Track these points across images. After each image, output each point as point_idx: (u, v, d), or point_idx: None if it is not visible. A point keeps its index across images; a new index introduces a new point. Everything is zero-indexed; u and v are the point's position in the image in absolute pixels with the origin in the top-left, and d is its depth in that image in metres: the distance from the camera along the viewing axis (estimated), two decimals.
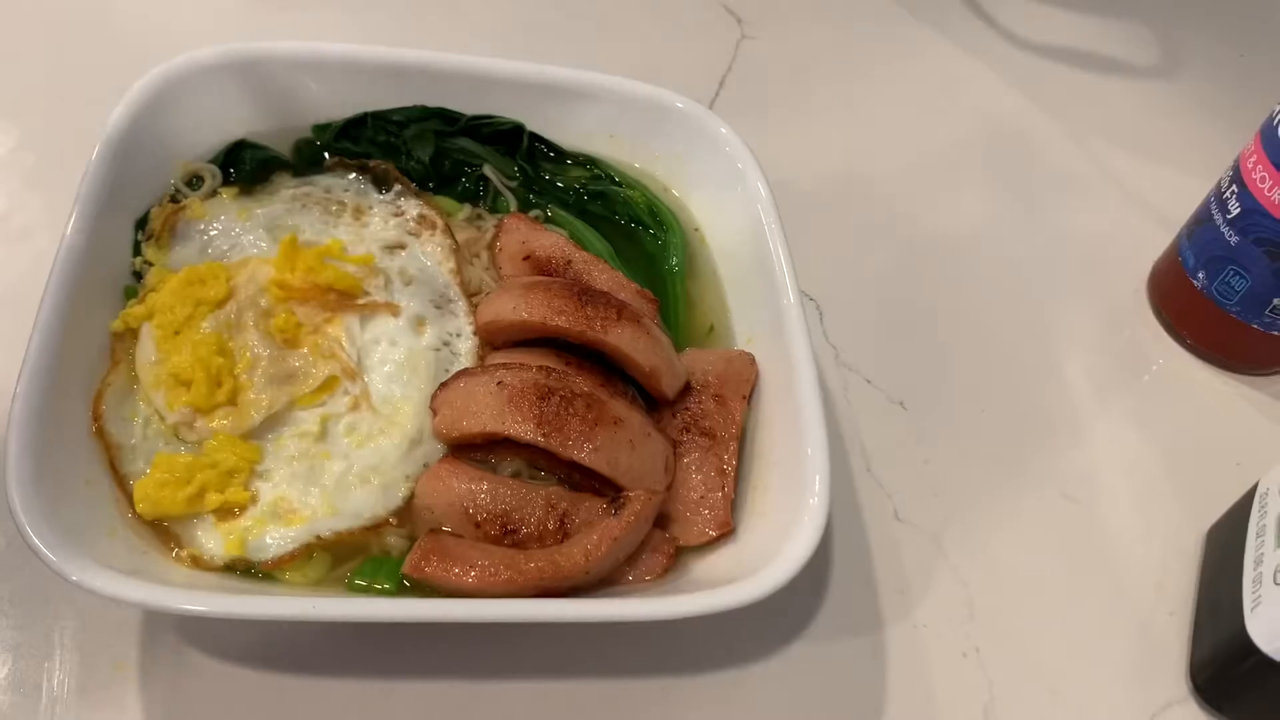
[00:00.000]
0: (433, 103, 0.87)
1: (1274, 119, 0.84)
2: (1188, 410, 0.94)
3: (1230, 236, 0.89)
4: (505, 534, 0.68)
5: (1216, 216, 0.90)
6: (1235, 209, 0.88)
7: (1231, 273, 0.89)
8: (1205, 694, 0.76)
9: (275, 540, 0.67)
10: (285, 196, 0.81)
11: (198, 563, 0.66)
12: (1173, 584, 0.82)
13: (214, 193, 0.80)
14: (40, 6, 1.01)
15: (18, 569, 0.69)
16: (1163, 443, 0.91)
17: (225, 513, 0.67)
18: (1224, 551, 0.80)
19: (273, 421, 0.70)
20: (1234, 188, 0.88)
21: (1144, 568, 0.83)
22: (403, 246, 0.80)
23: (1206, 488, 0.86)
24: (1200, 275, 0.93)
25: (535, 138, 0.89)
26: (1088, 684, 0.77)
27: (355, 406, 0.71)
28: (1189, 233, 0.95)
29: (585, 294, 0.74)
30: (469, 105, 0.88)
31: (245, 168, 0.83)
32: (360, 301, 0.75)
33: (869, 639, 0.76)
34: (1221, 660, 0.75)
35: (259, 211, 0.79)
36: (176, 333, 0.71)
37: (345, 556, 0.69)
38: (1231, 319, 0.92)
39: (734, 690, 0.73)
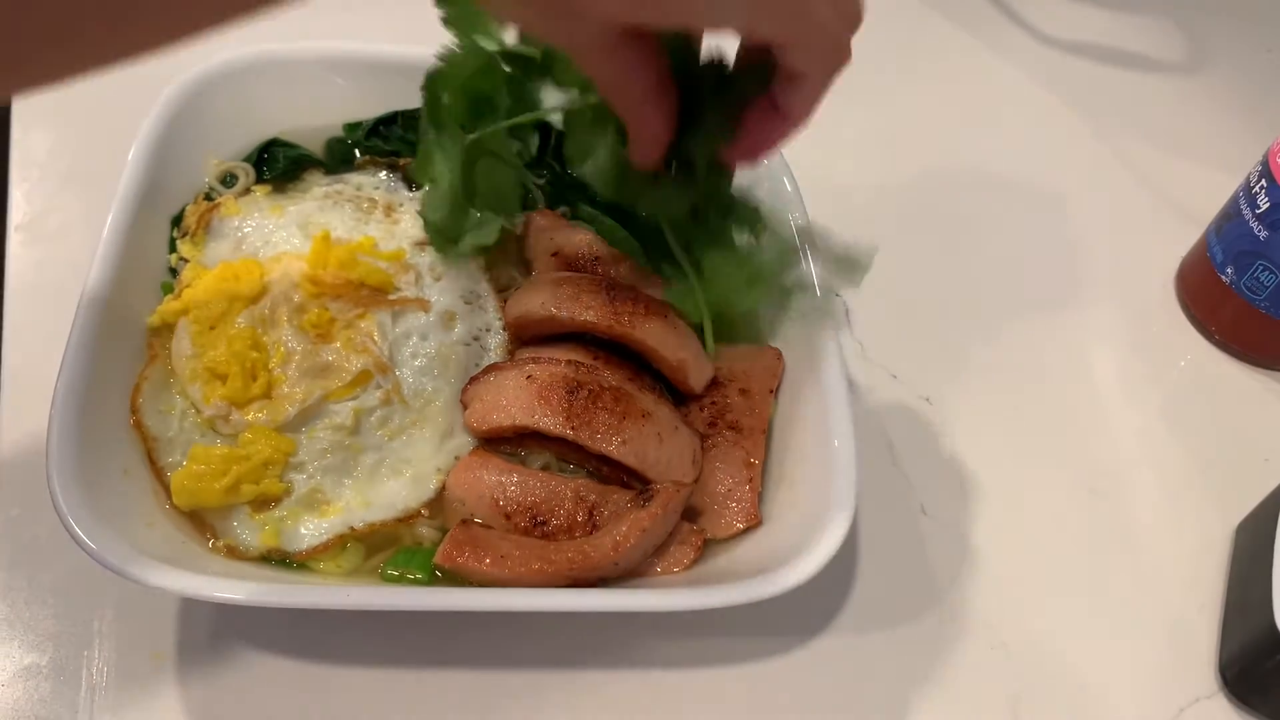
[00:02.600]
0: None
1: None
2: (1216, 406, 0.93)
3: (1259, 231, 0.88)
4: (535, 525, 0.69)
5: (1245, 211, 0.90)
6: (1264, 204, 0.87)
7: (1260, 268, 0.89)
8: (1234, 689, 0.76)
9: (309, 531, 0.68)
10: (317, 194, 0.82)
11: (233, 553, 0.67)
12: (1202, 579, 0.82)
13: (247, 190, 0.81)
14: None
15: (58, 558, 0.70)
16: (1191, 438, 0.90)
17: (260, 504, 0.69)
18: (1254, 547, 0.79)
19: (306, 415, 0.71)
20: (1263, 182, 0.88)
21: (1173, 563, 0.83)
22: None
23: (1235, 483, 0.86)
24: (1229, 270, 0.92)
25: (563, 135, 0.90)
26: (1116, 679, 0.77)
27: (387, 400, 0.72)
28: (1217, 228, 0.95)
29: (613, 289, 0.75)
30: None
31: (278, 166, 0.84)
32: (392, 297, 0.75)
33: (896, 632, 0.77)
34: (1251, 655, 0.74)
35: (291, 209, 0.80)
36: (212, 328, 0.72)
37: (378, 547, 0.70)
38: (1260, 314, 0.91)
39: (760, 683, 0.73)
